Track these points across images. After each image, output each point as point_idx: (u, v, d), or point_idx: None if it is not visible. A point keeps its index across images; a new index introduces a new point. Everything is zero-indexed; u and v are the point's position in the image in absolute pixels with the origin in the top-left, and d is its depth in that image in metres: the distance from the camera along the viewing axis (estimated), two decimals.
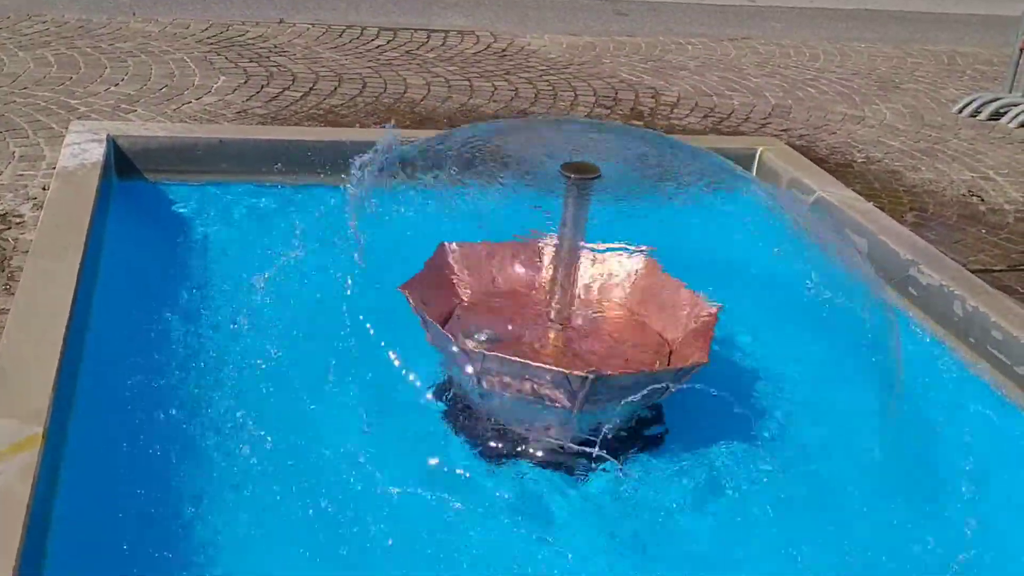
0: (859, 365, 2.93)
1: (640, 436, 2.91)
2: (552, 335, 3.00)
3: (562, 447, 2.81)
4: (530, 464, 2.74)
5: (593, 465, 2.75)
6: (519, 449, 2.79)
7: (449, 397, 2.94)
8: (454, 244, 3.18)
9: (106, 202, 3.46)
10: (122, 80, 5.00)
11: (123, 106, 4.60)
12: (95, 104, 4.58)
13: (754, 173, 4.48)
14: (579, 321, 3.13)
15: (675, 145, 3.12)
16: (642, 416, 2.93)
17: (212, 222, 3.63)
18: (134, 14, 6.38)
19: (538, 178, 2.77)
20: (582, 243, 2.95)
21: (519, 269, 3.23)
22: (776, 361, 3.24)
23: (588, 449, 2.73)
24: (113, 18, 6.20)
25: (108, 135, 3.66)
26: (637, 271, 3.26)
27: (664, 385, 2.80)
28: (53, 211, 3.11)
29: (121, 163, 3.72)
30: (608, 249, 3.26)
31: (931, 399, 3.00)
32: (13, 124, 4.17)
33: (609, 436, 2.82)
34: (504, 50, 6.47)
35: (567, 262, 2.92)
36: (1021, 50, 5.89)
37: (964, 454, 2.74)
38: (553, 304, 2.96)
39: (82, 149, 3.53)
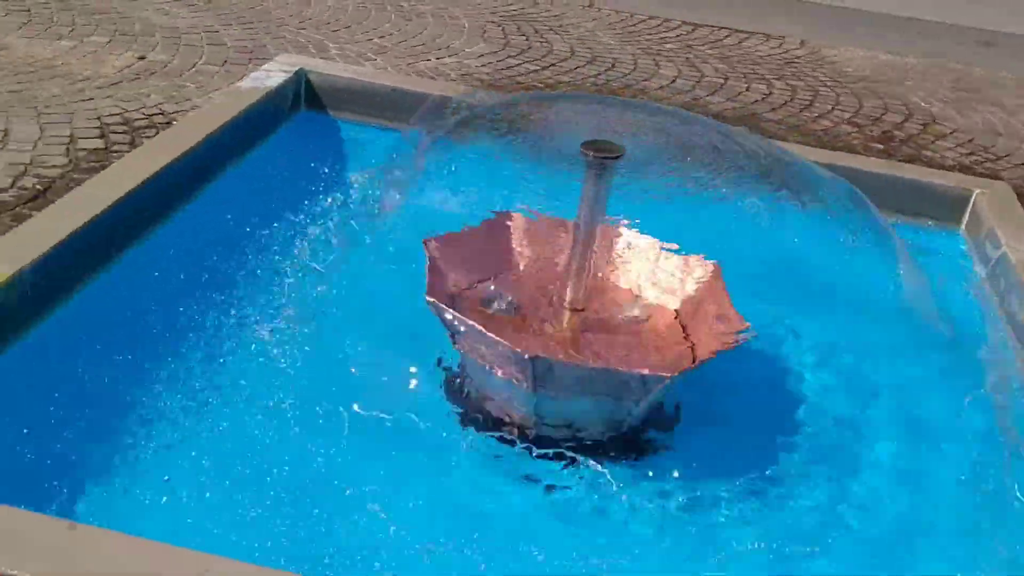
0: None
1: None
2: (565, 319, 2.89)
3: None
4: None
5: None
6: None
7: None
8: (508, 212, 3.14)
9: (271, 124, 3.89)
10: (385, 31, 5.46)
11: (368, 54, 5.05)
12: (347, 49, 5.08)
13: (965, 216, 3.90)
14: (610, 311, 2.98)
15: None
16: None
17: (359, 158, 3.91)
18: None
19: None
20: (601, 224, 2.81)
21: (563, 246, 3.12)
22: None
23: None
24: None
25: (301, 69, 4.10)
26: (696, 276, 3.02)
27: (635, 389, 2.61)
28: (191, 117, 3.58)
29: (309, 95, 4.15)
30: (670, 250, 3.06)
31: None
32: (265, 52, 4.75)
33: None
34: (798, 57, 6.08)
35: (583, 245, 2.79)
36: None
37: None
38: (567, 287, 2.85)
39: (266, 74, 3.98)
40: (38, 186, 3.19)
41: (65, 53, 4.45)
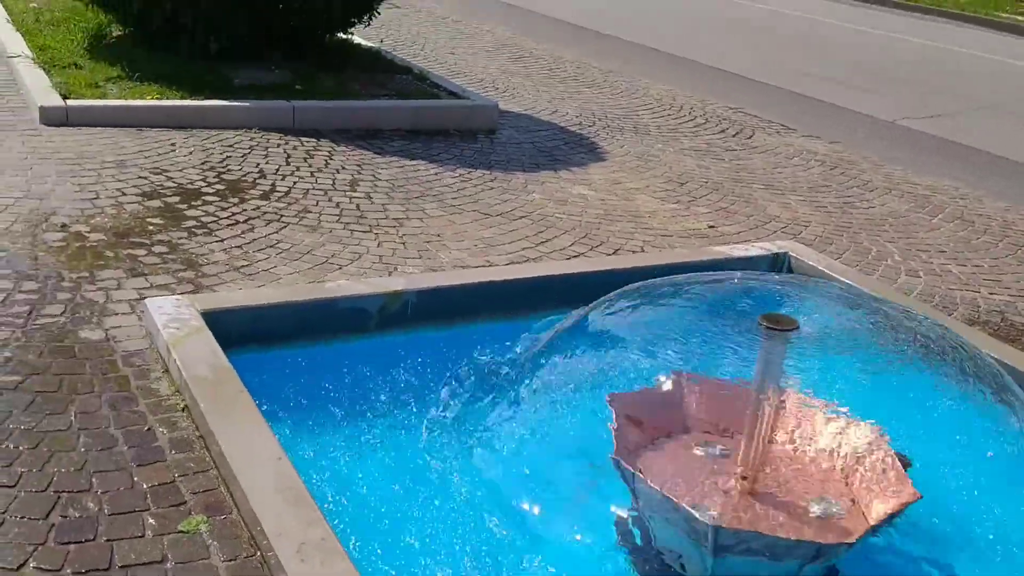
0: None
1: None
2: (739, 480, 3.05)
3: None
4: None
5: None
6: None
7: None
8: (688, 374, 3.33)
9: None
10: (968, 258, 5.41)
11: (919, 272, 5.17)
12: (891, 262, 5.28)
13: None
14: (794, 483, 3.03)
15: None
16: None
17: None
18: None
19: None
20: (778, 393, 2.94)
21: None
22: None
23: None
24: None
25: (787, 252, 4.63)
26: (897, 501, 2.86)
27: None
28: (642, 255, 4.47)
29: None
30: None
31: None
32: (829, 248, 5.30)
33: None
34: None
35: (755, 412, 2.95)
36: None
37: None
38: (740, 452, 3.02)
39: (747, 247, 4.62)
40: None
41: (662, 211, 5.73)
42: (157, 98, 6.40)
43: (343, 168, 5.84)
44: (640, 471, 2.96)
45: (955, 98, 10.68)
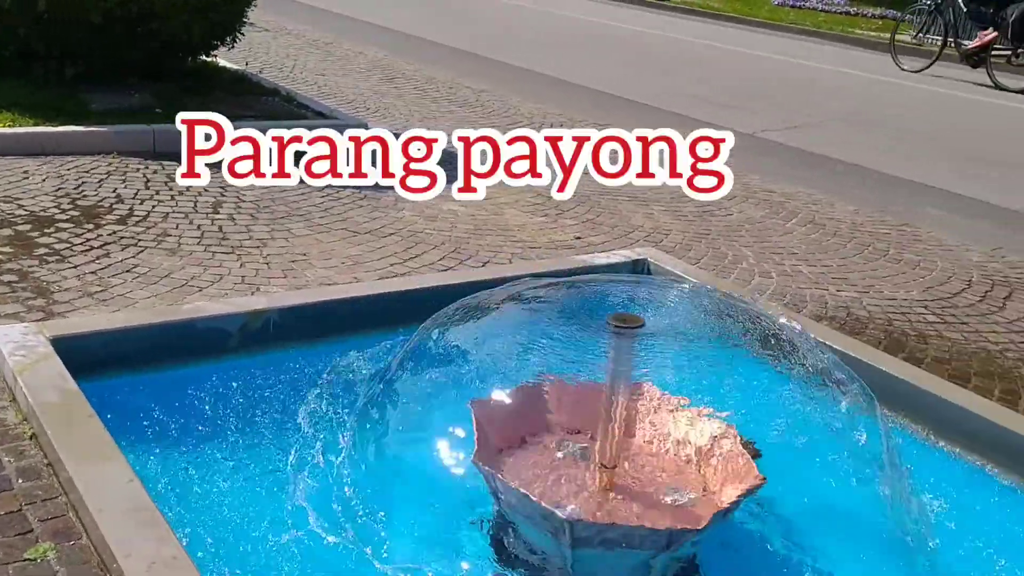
0: None
1: None
2: (597, 475, 3.14)
3: None
4: None
5: None
6: None
7: None
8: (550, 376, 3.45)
9: None
10: (827, 264, 5.70)
11: (771, 273, 5.41)
12: (762, 267, 5.52)
13: None
14: (650, 475, 3.16)
15: None
16: None
17: None
18: None
19: None
20: (628, 388, 3.07)
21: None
22: None
23: None
24: None
25: (646, 259, 4.79)
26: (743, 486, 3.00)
27: None
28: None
29: None
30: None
31: None
32: (686, 255, 5.49)
33: None
34: None
35: (608, 407, 3.05)
36: None
37: None
38: (597, 445, 3.11)
39: (608, 256, 4.76)
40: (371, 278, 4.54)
41: (531, 224, 5.84)
42: (9, 125, 6.19)
43: (206, 191, 5.76)
44: (500, 473, 3.02)
45: (813, 110, 11.20)
